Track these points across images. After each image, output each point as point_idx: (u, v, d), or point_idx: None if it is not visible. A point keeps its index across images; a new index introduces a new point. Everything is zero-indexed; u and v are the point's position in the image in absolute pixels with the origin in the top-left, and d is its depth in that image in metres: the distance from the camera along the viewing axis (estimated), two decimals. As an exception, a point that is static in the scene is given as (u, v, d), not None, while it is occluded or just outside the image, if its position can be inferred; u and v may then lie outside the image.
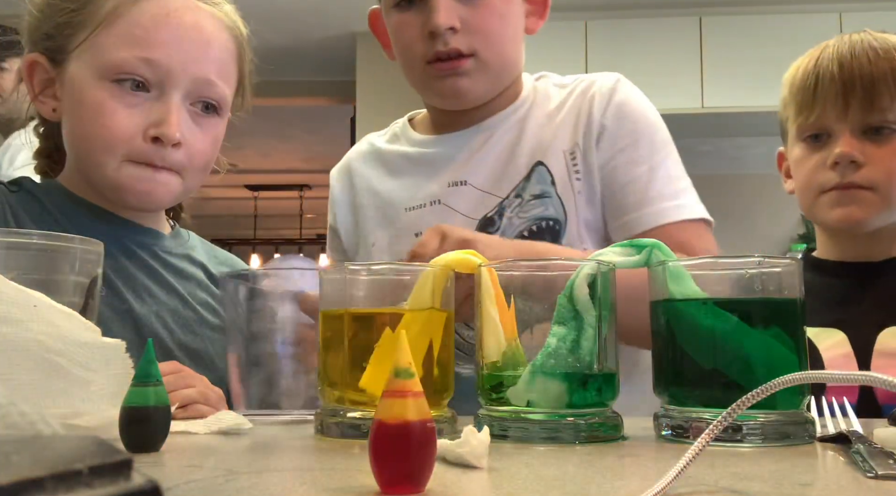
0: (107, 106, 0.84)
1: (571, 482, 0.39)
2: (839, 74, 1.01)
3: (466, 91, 0.99)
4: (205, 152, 0.90)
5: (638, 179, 0.96)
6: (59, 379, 0.49)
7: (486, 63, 0.97)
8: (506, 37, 0.99)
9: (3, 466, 0.20)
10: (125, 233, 0.91)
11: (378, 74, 4.63)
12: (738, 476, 0.41)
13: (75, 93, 0.86)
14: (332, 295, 0.61)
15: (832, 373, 0.38)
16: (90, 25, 0.85)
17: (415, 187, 1.04)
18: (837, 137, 1.01)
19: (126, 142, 0.84)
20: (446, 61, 0.96)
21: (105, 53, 0.84)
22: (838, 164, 1.00)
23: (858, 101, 0.99)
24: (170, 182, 0.87)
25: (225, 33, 0.90)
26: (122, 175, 0.85)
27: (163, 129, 0.84)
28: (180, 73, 0.85)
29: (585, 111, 1.01)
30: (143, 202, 0.88)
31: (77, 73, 0.86)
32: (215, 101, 0.90)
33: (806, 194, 1.05)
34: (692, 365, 0.57)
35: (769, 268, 0.57)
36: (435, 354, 0.59)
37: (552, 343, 0.54)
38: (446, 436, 0.54)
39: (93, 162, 0.86)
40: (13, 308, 0.48)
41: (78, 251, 0.60)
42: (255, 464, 0.45)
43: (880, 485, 0.38)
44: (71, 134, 0.89)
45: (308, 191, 7.79)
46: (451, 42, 0.95)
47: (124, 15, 0.85)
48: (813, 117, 1.02)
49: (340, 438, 0.56)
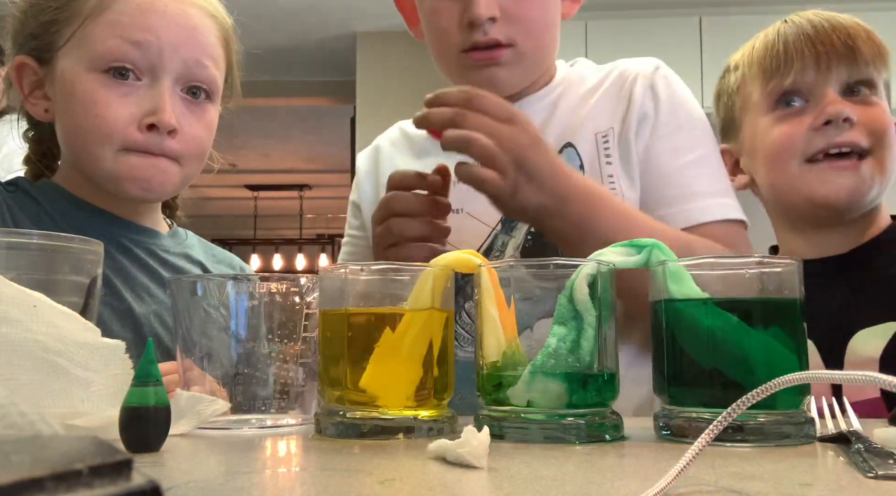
0: (99, 97, 0.84)
1: (571, 482, 0.39)
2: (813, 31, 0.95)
3: (502, 82, 0.95)
4: (200, 138, 0.90)
5: (681, 171, 0.93)
6: (59, 379, 0.49)
7: (523, 53, 0.94)
8: (545, 25, 0.96)
9: (3, 466, 0.20)
10: (123, 232, 0.91)
11: (378, 74, 4.63)
12: (738, 476, 0.41)
13: (66, 88, 0.86)
14: (332, 295, 0.61)
15: (832, 373, 0.38)
16: (76, 20, 0.85)
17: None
18: (820, 98, 0.93)
19: (121, 131, 0.84)
20: (483, 51, 0.93)
21: (94, 44, 0.84)
22: (829, 125, 0.92)
23: (839, 55, 0.93)
24: (169, 169, 0.88)
25: (209, 20, 0.91)
26: (120, 165, 0.85)
27: (158, 117, 0.84)
28: (170, 55, 0.86)
29: (625, 95, 0.97)
30: (144, 190, 0.88)
31: (67, 69, 0.86)
32: (206, 85, 0.90)
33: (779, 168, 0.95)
34: (692, 365, 0.57)
35: (769, 268, 0.57)
36: (435, 354, 0.59)
37: (552, 343, 0.54)
38: (446, 436, 0.54)
39: (90, 155, 0.86)
40: (13, 308, 0.49)
41: (78, 251, 0.60)
42: (255, 464, 0.45)
43: (880, 485, 0.38)
44: (65, 130, 0.89)
45: (308, 191, 7.79)
46: (490, 32, 0.92)
47: (110, 7, 0.85)
48: (790, 78, 0.94)
49: (340, 438, 0.56)
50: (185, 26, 0.88)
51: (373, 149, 1.13)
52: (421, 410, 0.58)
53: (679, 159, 0.93)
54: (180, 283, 0.66)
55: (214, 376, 0.65)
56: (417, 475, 0.41)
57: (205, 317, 0.65)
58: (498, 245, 0.96)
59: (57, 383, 0.49)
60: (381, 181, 1.06)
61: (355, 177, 1.13)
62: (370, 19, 4.53)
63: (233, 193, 7.49)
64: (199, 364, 0.65)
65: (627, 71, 1.00)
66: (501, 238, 0.96)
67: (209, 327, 0.65)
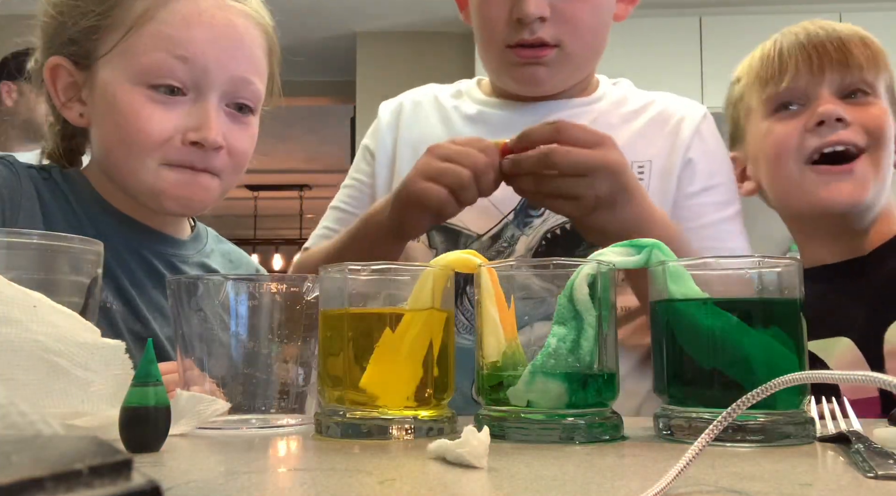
0: (143, 110, 0.81)
1: (571, 482, 0.39)
2: (807, 40, 0.96)
3: (544, 81, 0.95)
4: (245, 152, 0.89)
5: (720, 225, 0.93)
6: (59, 379, 0.49)
7: (569, 54, 0.93)
8: (595, 28, 0.95)
9: (3, 466, 0.20)
10: (147, 242, 0.89)
11: (378, 74, 4.63)
12: (738, 476, 0.41)
13: (108, 98, 0.83)
14: (332, 295, 0.60)
15: (832, 373, 0.38)
16: (120, 29, 0.82)
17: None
18: (815, 100, 0.94)
19: (162, 145, 0.82)
20: (528, 48, 0.91)
21: (139, 56, 0.82)
22: (822, 125, 0.93)
23: (832, 60, 0.94)
24: (210, 185, 0.86)
25: (256, 30, 0.88)
26: (160, 180, 0.83)
27: (203, 134, 0.82)
28: (217, 72, 0.83)
29: (671, 132, 0.97)
30: (183, 207, 0.87)
31: (109, 79, 0.83)
32: (251, 102, 0.88)
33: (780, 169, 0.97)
34: (692, 365, 0.57)
35: (769, 268, 0.57)
36: (435, 354, 0.59)
37: (552, 343, 0.54)
38: (446, 436, 0.54)
39: (129, 168, 0.84)
40: (13, 308, 0.49)
41: (78, 251, 0.60)
42: (255, 464, 0.45)
43: (880, 485, 0.38)
44: (104, 140, 0.86)
45: (308, 191, 7.78)
46: (538, 31, 0.90)
47: (155, 17, 0.82)
48: (784, 83, 0.96)
49: (340, 438, 0.56)
50: (232, 39, 0.85)
51: (398, 103, 1.08)
52: (421, 410, 0.58)
53: (719, 213, 0.94)
54: (180, 284, 0.66)
55: (214, 376, 0.64)
56: (417, 475, 0.41)
57: (205, 318, 0.65)
58: (507, 236, 0.94)
59: (57, 383, 0.49)
60: (402, 135, 1.03)
61: (375, 124, 1.09)
62: (370, 19, 4.53)
63: (233, 193, 7.42)
64: (198, 364, 0.65)
65: (673, 109, 0.99)
66: (512, 230, 0.94)
67: (209, 327, 0.65)
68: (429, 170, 0.78)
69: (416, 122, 1.05)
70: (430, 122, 1.04)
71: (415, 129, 1.04)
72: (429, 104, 1.07)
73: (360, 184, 1.07)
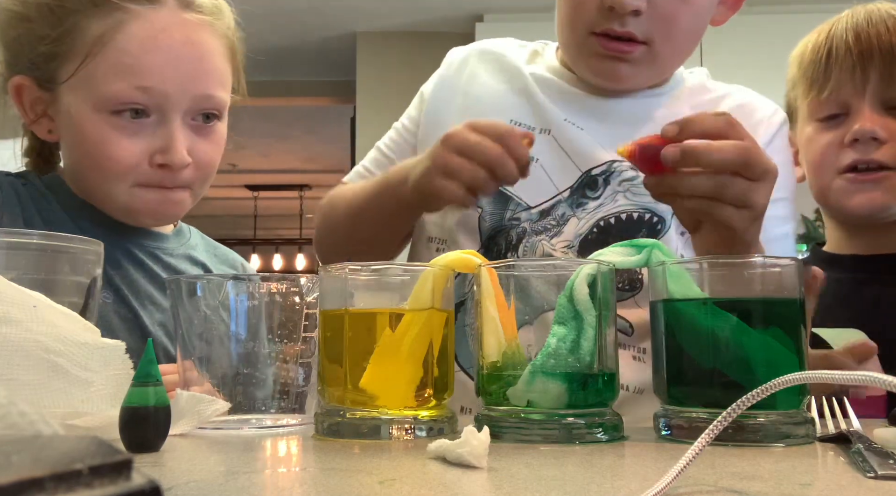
0: (110, 137, 0.82)
1: (571, 482, 0.39)
2: (855, 45, 0.94)
3: (625, 78, 0.88)
4: (212, 160, 0.90)
5: (778, 242, 0.87)
6: (59, 379, 0.50)
7: (657, 55, 0.86)
8: (690, 30, 0.88)
9: (3, 466, 0.20)
10: (128, 235, 0.91)
11: (378, 74, 4.63)
12: (738, 476, 0.41)
13: (74, 126, 0.84)
14: (332, 295, 0.61)
15: (832, 373, 0.38)
16: (77, 56, 0.82)
17: (529, 105, 0.93)
18: (855, 113, 0.94)
19: (133, 169, 0.83)
20: (615, 40, 0.84)
21: (99, 86, 0.81)
22: (857, 142, 0.93)
23: (878, 72, 0.93)
24: (182, 199, 0.88)
25: (215, 39, 0.87)
26: (134, 199, 0.85)
27: (169, 157, 0.83)
28: (179, 95, 0.83)
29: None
30: (158, 221, 0.90)
31: (73, 106, 0.83)
32: (217, 110, 0.89)
33: (819, 177, 0.97)
34: (692, 365, 0.57)
35: (769, 268, 0.57)
36: (435, 354, 0.59)
37: (552, 343, 0.54)
38: (446, 436, 0.54)
39: (102, 190, 0.86)
40: (13, 308, 0.49)
41: (78, 251, 0.60)
42: (255, 464, 0.45)
43: (880, 485, 0.38)
44: (74, 164, 0.88)
45: (308, 191, 7.78)
46: (629, 24, 0.83)
47: (110, 42, 0.81)
48: (826, 92, 0.95)
49: (340, 438, 0.56)
50: (192, 59, 0.84)
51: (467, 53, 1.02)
52: (421, 410, 0.58)
53: (778, 229, 0.88)
54: (180, 284, 0.66)
55: (214, 376, 0.65)
56: (417, 475, 0.41)
57: (204, 318, 0.65)
58: (557, 213, 0.89)
59: (57, 383, 0.49)
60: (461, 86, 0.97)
61: (439, 70, 1.03)
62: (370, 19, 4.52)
63: (233, 193, 7.49)
64: (198, 364, 0.65)
65: (751, 106, 0.93)
66: (563, 208, 0.89)
67: (209, 327, 0.65)
68: (443, 166, 0.74)
69: (479, 75, 0.98)
70: (496, 79, 0.97)
71: (477, 82, 0.98)
72: (498, 59, 1.00)
73: (404, 130, 1.03)
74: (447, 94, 0.99)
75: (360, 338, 0.58)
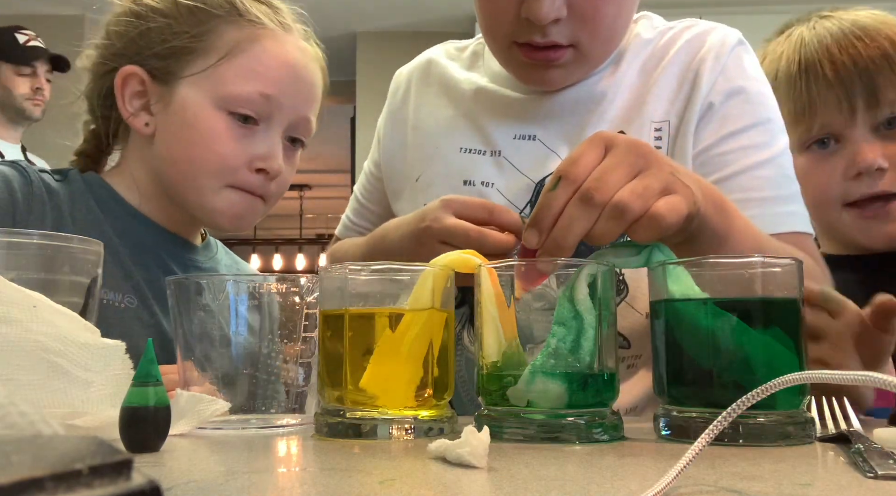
0: (222, 135, 0.86)
1: (571, 482, 0.39)
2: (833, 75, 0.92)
3: (557, 82, 0.85)
4: (288, 182, 0.94)
5: (751, 171, 0.80)
6: (59, 379, 0.50)
7: (586, 54, 0.82)
8: (618, 23, 0.82)
9: (3, 466, 0.20)
10: (164, 243, 0.93)
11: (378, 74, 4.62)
12: (738, 476, 0.41)
13: (188, 117, 0.87)
14: (332, 295, 0.61)
15: (832, 373, 0.38)
16: (211, 54, 0.87)
17: (475, 128, 0.92)
18: (848, 140, 0.93)
19: (234, 170, 0.87)
20: (540, 50, 0.80)
21: (227, 85, 0.87)
22: (861, 175, 0.91)
23: (863, 98, 0.91)
24: (260, 209, 0.92)
25: (319, 72, 0.95)
26: (221, 200, 0.88)
27: (270, 163, 0.88)
28: (289, 110, 0.89)
29: (689, 79, 0.83)
30: (234, 224, 0.92)
31: (191, 99, 0.87)
32: (305, 137, 0.94)
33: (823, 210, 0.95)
34: (692, 365, 0.57)
35: (769, 268, 0.57)
36: (435, 354, 0.59)
37: (552, 343, 0.54)
38: (446, 437, 0.54)
39: (193, 184, 0.88)
40: (13, 308, 0.49)
41: (78, 251, 0.60)
42: (255, 464, 0.45)
43: (880, 485, 0.38)
44: (172, 155, 0.89)
45: (308, 191, 7.78)
46: (551, 33, 0.78)
47: (246, 50, 0.88)
48: (816, 126, 0.93)
49: (340, 438, 0.56)
50: (306, 82, 0.92)
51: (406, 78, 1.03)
52: (421, 410, 0.58)
53: (751, 157, 0.81)
54: (180, 283, 0.66)
55: (215, 376, 0.65)
56: (417, 475, 0.41)
57: (204, 318, 0.65)
58: None
59: (57, 383, 0.49)
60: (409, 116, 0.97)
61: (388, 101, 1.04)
62: (370, 19, 4.53)
63: (233, 193, 7.49)
64: (198, 364, 0.65)
65: (700, 38, 0.86)
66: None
67: (209, 327, 0.65)
68: (443, 234, 0.72)
69: (424, 101, 0.98)
70: (440, 102, 0.97)
71: (423, 110, 0.98)
72: (439, 77, 0.98)
73: (371, 176, 1.05)
74: (397, 133, 1.00)
75: (360, 338, 0.58)
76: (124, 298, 0.86)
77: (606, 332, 0.56)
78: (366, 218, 1.06)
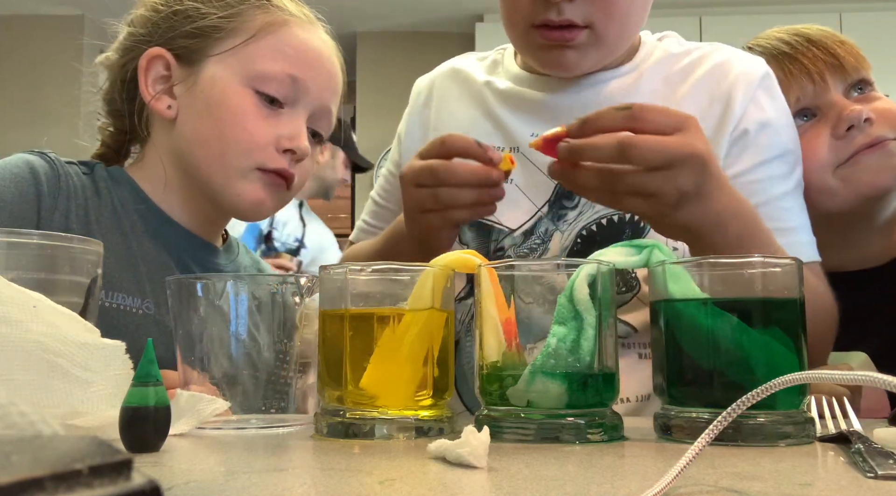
0: (250, 111, 0.86)
1: (571, 482, 0.39)
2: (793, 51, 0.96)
3: (573, 65, 0.87)
4: (309, 172, 0.94)
5: (777, 202, 0.84)
6: (59, 379, 0.49)
7: (602, 37, 0.85)
8: (633, 7, 0.86)
9: (3, 466, 0.20)
10: (187, 245, 0.92)
11: (378, 74, 4.63)
12: (738, 476, 0.41)
13: (215, 95, 0.87)
14: (332, 295, 0.61)
15: (832, 374, 0.38)
16: (241, 35, 0.87)
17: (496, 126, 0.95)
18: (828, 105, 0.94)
19: (262, 149, 0.86)
20: (556, 30, 0.83)
21: (255, 62, 0.87)
22: (852, 129, 0.91)
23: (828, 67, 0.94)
24: (284, 197, 0.91)
25: (341, 73, 0.95)
26: (247, 182, 0.87)
27: (297, 142, 0.88)
28: (315, 95, 0.89)
29: (722, 98, 0.87)
30: (256, 211, 0.91)
31: (218, 76, 0.87)
32: (323, 132, 0.94)
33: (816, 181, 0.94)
34: (692, 365, 0.57)
35: (769, 268, 0.57)
36: (435, 354, 0.59)
37: (552, 343, 0.54)
38: (446, 436, 0.54)
39: (221, 164, 0.87)
40: (13, 308, 0.49)
41: (78, 251, 0.60)
42: (255, 464, 0.45)
43: (880, 485, 0.38)
44: (199, 134, 0.88)
45: (308, 191, 7.77)
46: (566, 11, 0.82)
47: (275, 33, 0.88)
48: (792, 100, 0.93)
49: (340, 438, 0.56)
50: (331, 73, 0.92)
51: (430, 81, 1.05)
52: (421, 410, 0.58)
53: (775, 188, 0.85)
54: (180, 283, 0.66)
55: (214, 376, 0.65)
56: (417, 475, 0.41)
57: (204, 318, 0.65)
58: (540, 231, 0.89)
59: (57, 383, 0.49)
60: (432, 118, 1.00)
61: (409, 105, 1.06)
62: (370, 19, 4.53)
63: (233, 193, 7.49)
64: (199, 364, 0.65)
65: (727, 65, 0.89)
66: (546, 224, 0.89)
67: (209, 327, 0.65)
68: (411, 204, 0.78)
69: (445, 103, 1.00)
70: (461, 104, 0.99)
71: (444, 111, 1.00)
72: (461, 81, 1.01)
73: (391, 175, 1.05)
74: (419, 133, 1.02)
75: (360, 338, 0.58)
76: (143, 304, 0.85)
77: (606, 332, 0.56)
78: (383, 218, 1.05)
